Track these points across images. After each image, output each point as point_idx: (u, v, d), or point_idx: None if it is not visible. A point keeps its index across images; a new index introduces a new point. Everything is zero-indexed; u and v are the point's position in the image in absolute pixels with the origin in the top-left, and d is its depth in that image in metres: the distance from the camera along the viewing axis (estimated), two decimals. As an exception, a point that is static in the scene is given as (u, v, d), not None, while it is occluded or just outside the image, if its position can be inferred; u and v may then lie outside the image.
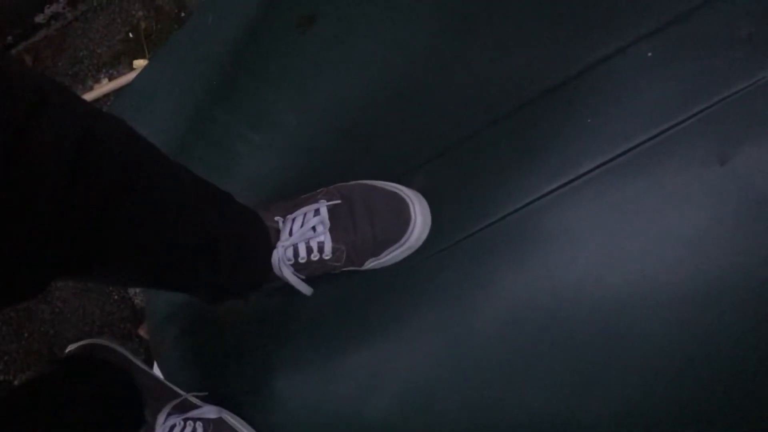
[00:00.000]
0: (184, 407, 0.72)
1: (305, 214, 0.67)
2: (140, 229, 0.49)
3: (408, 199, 0.69)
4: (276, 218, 0.67)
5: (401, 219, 0.69)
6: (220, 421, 0.71)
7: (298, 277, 0.66)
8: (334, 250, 0.66)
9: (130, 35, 1.13)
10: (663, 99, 0.67)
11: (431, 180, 0.72)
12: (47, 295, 1.10)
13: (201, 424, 0.69)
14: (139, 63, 1.11)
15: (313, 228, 0.66)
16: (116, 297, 1.05)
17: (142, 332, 1.04)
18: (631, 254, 0.68)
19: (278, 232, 0.66)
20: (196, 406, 0.72)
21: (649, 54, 0.67)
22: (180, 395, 0.73)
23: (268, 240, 0.66)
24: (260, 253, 0.65)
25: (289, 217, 0.67)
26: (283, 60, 0.79)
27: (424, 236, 0.71)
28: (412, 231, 0.69)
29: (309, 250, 0.66)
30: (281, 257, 0.64)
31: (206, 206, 0.59)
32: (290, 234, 0.66)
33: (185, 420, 0.69)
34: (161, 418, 0.69)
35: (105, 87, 1.12)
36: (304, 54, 0.78)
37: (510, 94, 0.71)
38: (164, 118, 0.95)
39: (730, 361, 0.66)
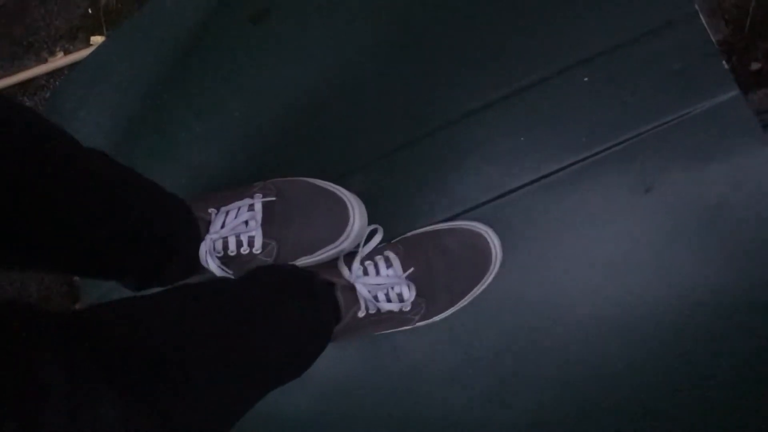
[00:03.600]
0: None
1: (239, 208, 0.67)
2: (57, 215, 0.49)
3: (347, 201, 0.70)
4: (210, 210, 0.67)
5: (339, 220, 0.69)
6: None
7: (224, 271, 0.66)
8: (264, 245, 0.67)
9: (90, 11, 1.11)
10: (595, 123, 0.69)
11: (369, 182, 0.74)
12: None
13: None
14: (96, 39, 1.09)
15: (246, 222, 0.66)
16: (65, 286, 1.03)
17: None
18: (554, 273, 0.71)
19: (208, 223, 0.66)
20: None
21: (586, 79, 0.70)
22: None
23: (197, 231, 0.66)
24: (188, 244, 0.65)
25: (224, 209, 0.67)
26: (234, 51, 0.79)
27: (360, 239, 0.72)
28: (349, 234, 0.69)
29: (239, 244, 0.66)
30: (209, 249, 0.64)
31: (129, 195, 0.58)
32: (222, 226, 0.66)
33: None
34: None
35: (60, 60, 1.10)
36: (254, 47, 0.79)
37: (449, 106, 0.73)
38: (114, 97, 0.94)
39: (642, 382, 0.69)
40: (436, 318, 0.71)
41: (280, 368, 0.54)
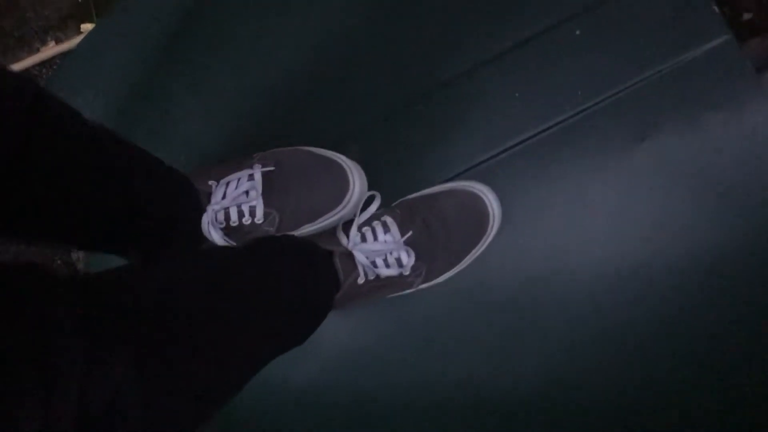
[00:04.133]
0: None
1: (239, 179, 0.68)
2: (63, 186, 0.50)
3: (347, 168, 0.70)
4: (210, 182, 0.68)
5: (339, 187, 0.70)
6: None
7: (227, 241, 0.67)
8: (266, 215, 0.67)
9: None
10: (589, 76, 0.70)
11: (366, 148, 0.74)
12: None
13: None
14: (87, 27, 1.08)
15: (246, 192, 0.67)
16: (59, 261, 1.04)
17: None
18: (553, 227, 0.71)
19: (209, 195, 0.66)
20: None
21: (578, 32, 0.69)
22: None
23: (199, 203, 0.66)
24: (191, 216, 0.66)
25: (224, 180, 0.68)
26: (225, 25, 0.79)
27: (360, 204, 0.73)
28: (350, 199, 0.70)
29: (240, 214, 0.67)
30: (211, 220, 0.65)
31: (133, 169, 0.59)
32: (223, 197, 0.66)
33: None
34: None
35: (52, 50, 1.10)
36: (244, 19, 0.79)
37: (442, 68, 0.73)
38: (108, 81, 0.94)
39: (640, 331, 0.70)
40: (438, 280, 0.72)
41: (282, 334, 0.54)
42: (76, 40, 1.07)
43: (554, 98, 0.70)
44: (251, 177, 0.68)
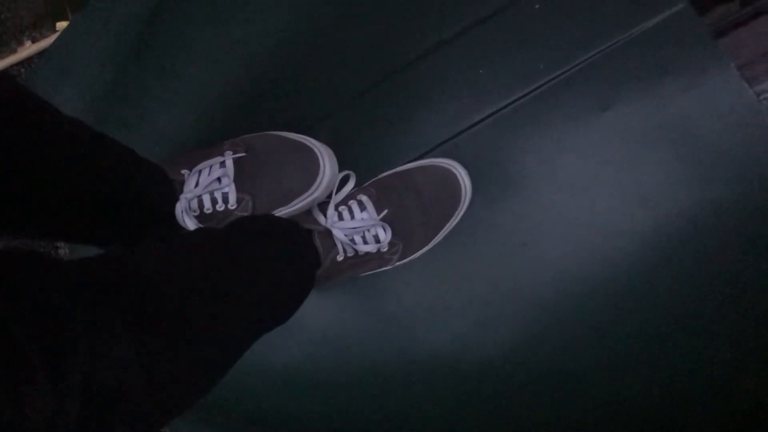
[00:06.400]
0: None
1: (211, 166, 0.69)
2: (42, 179, 0.51)
3: (317, 150, 0.71)
4: (183, 171, 0.69)
5: (310, 169, 0.71)
6: None
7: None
8: (239, 201, 0.69)
9: (52, -3, 1.11)
10: (550, 49, 0.71)
11: (336, 130, 0.75)
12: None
13: None
14: (62, 25, 1.09)
15: (218, 179, 0.68)
16: (41, 250, 1.06)
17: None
18: (523, 199, 0.73)
19: (182, 184, 0.68)
20: None
21: (537, 6, 0.70)
22: None
23: (173, 193, 0.68)
24: (166, 205, 0.67)
25: (196, 169, 0.69)
26: (192, 15, 0.80)
27: (333, 186, 0.74)
28: (321, 181, 0.71)
29: (214, 201, 0.68)
30: (185, 208, 0.66)
31: (108, 159, 0.61)
32: (196, 185, 0.68)
33: None
34: None
35: (28, 49, 1.11)
36: (210, 8, 0.79)
37: (408, 47, 0.74)
38: (84, 77, 0.95)
39: (611, 294, 0.72)
40: (415, 255, 0.74)
41: (270, 311, 0.56)
42: (51, 39, 1.08)
43: (517, 72, 0.71)
44: (223, 164, 0.69)
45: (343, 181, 0.72)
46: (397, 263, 0.73)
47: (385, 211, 0.69)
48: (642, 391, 0.72)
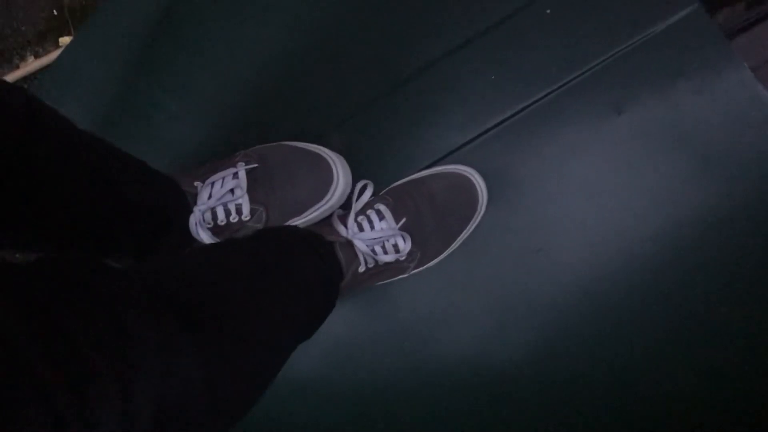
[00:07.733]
0: None
1: (224, 178, 0.68)
2: (56, 191, 0.50)
3: (330, 159, 0.70)
4: (195, 183, 0.68)
5: (323, 179, 0.70)
6: None
7: (217, 241, 0.68)
8: (252, 212, 0.68)
9: (55, 12, 1.11)
10: (562, 54, 0.70)
11: (349, 138, 0.75)
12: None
13: None
14: (65, 40, 1.09)
15: (231, 191, 0.67)
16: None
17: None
18: (539, 204, 0.72)
19: (196, 196, 0.67)
20: None
21: (548, 11, 0.70)
22: None
23: (187, 205, 0.67)
24: (179, 217, 0.66)
25: (208, 181, 0.68)
26: (200, 27, 0.80)
27: (346, 195, 0.73)
28: (335, 191, 0.71)
29: (227, 213, 0.67)
30: (198, 221, 0.66)
31: (122, 174, 0.60)
32: (209, 197, 0.67)
33: None
34: None
35: (31, 65, 1.10)
36: (218, 18, 0.79)
37: (420, 54, 0.74)
38: (89, 92, 0.94)
39: (627, 300, 0.71)
40: (431, 263, 0.73)
41: (306, 322, 0.55)
42: (55, 54, 1.08)
43: (530, 77, 0.71)
44: (236, 175, 0.68)
45: (361, 191, 0.71)
46: (413, 271, 0.72)
47: (404, 220, 0.68)
48: (662, 396, 0.71)
